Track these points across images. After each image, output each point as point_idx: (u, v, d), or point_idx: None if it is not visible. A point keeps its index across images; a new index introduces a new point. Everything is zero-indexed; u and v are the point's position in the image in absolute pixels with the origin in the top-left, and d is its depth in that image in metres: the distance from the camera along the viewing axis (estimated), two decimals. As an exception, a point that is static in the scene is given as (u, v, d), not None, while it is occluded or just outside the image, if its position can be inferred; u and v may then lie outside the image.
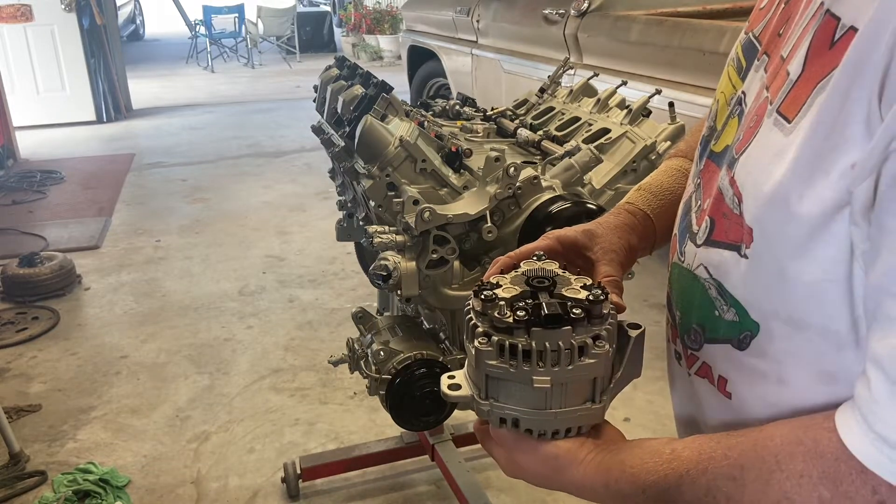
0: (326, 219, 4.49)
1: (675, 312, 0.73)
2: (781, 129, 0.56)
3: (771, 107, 0.58)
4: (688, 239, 0.70)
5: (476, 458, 2.34)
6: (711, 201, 0.65)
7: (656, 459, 0.62)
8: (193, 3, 11.75)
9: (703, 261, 0.66)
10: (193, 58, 11.45)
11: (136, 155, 6.20)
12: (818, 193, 0.52)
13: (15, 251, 3.96)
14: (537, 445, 0.68)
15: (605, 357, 0.65)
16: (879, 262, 0.49)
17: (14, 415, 2.61)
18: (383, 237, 1.36)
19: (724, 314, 0.64)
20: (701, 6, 3.36)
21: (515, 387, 0.65)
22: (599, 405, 0.67)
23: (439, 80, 5.19)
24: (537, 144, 1.67)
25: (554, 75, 1.93)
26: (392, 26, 11.25)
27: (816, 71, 0.54)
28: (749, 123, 0.62)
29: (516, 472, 0.72)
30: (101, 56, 7.29)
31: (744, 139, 0.61)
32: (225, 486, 2.27)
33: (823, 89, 0.52)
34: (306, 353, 3.02)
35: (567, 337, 0.63)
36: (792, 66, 0.57)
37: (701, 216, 0.68)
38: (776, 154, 0.56)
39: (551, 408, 0.65)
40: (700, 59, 2.63)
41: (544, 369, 0.63)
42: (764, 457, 0.55)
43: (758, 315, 0.61)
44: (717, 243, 0.64)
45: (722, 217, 0.63)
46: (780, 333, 0.60)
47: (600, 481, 0.65)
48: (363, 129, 1.40)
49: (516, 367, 0.63)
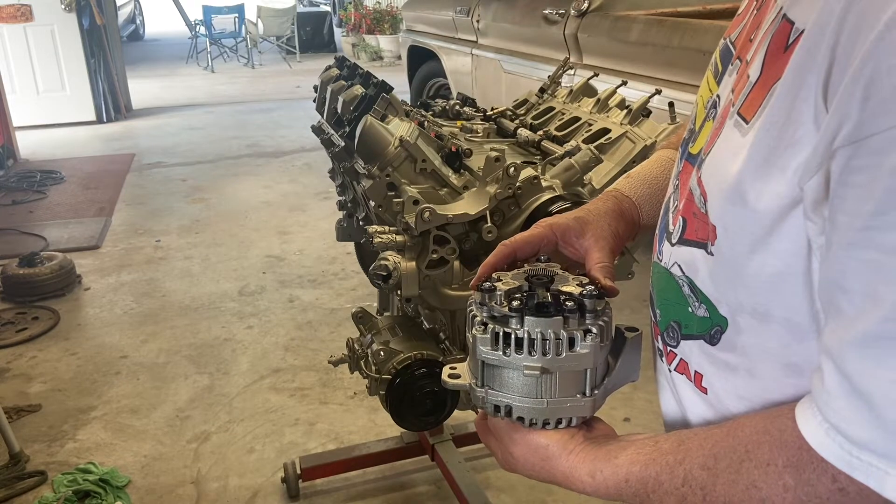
0: (326, 219, 4.49)
1: (656, 310, 0.75)
2: (740, 130, 0.58)
3: (733, 108, 0.61)
4: (665, 238, 0.72)
5: (476, 458, 2.34)
6: (684, 202, 0.68)
7: (640, 451, 0.64)
8: (193, 3, 11.75)
9: (677, 259, 0.69)
10: (193, 58, 11.45)
11: (136, 155, 6.20)
12: (773, 189, 0.55)
13: (15, 251, 3.96)
14: (529, 434, 0.70)
15: (596, 350, 0.67)
16: (830, 256, 0.51)
17: (14, 415, 2.61)
18: (383, 237, 1.36)
19: (697, 310, 0.67)
20: (701, 6, 3.35)
21: (509, 374, 0.68)
22: (590, 398, 0.69)
23: (439, 80, 5.19)
24: (537, 144, 1.67)
25: (554, 75, 1.93)
26: (392, 26, 11.24)
27: (772, 73, 0.56)
28: (716, 126, 0.64)
29: (510, 463, 0.74)
30: (101, 56, 7.29)
31: (710, 141, 0.64)
32: (225, 486, 2.27)
33: (775, 91, 0.55)
34: (306, 353, 3.02)
35: (558, 326, 0.66)
36: (752, 69, 0.59)
37: (676, 216, 0.70)
38: (734, 154, 0.58)
39: (542, 397, 0.68)
40: (700, 59, 2.63)
41: (535, 357, 0.66)
42: (735, 446, 0.57)
43: (726, 310, 0.63)
44: (688, 242, 0.67)
45: (692, 216, 0.66)
46: (746, 327, 0.62)
47: (586, 471, 0.67)
48: (363, 129, 1.40)
49: (509, 354, 0.67)
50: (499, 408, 0.70)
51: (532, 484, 2.26)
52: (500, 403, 0.70)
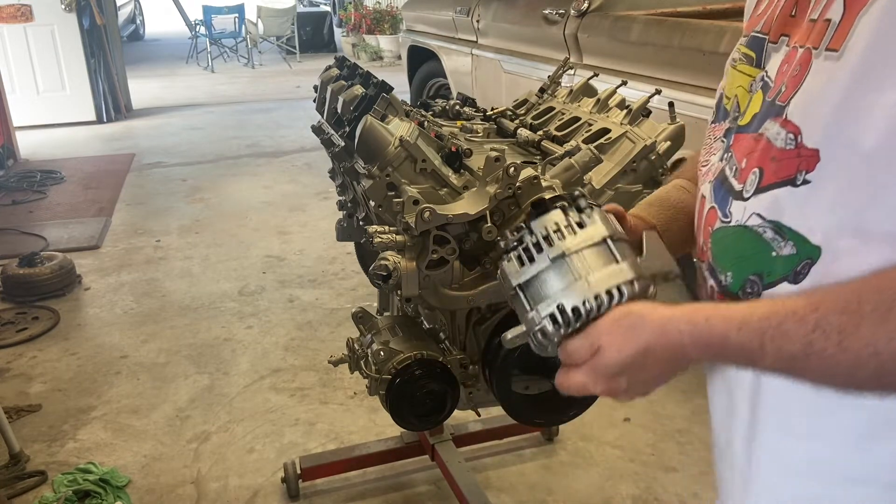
0: (326, 219, 4.49)
1: (721, 276, 0.77)
2: (832, 61, 0.64)
3: (817, 50, 0.66)
4: (731, 200, 0.75)
5: (476, 458, 2.34)
6: (756, 155, 0.72)
7: (756, 303, 0.68)
8: (193, 3, 11.74)
9: (755, 209, 0.71)
10: (193, 58, 11.44)
11: (136, 155, 6.20)
12: (888, 100, 0.58)
13: (15, 251, 3.96)
14: (601, 321, 0.71)
15: (605, 219, 0.74)
16: None
17: (14, 415, 2.61)
18: (383, 237, 1.35)
19: (782, 250, 0.68)
20: (701, 6, 3.35)
21: (544, 280, 0.73)
22: (625, 262, 0.72)
23: (439, 80, 5.19)
24: (537, 144, 1.67)
25: (554, 75, 1.93)
26: (392, 26, 11.24)
27: (857, 5, 0.62)
28: (791, 75, 0.69)
29: (605, 374, 0.72)
30: (101, 56, 7.29)
31: (788, 89, 0.69)
32: (225, 486, 2.27)
33: (867, 13, 0.61)
34: (306, 353, 3.02)
35: (559, 216, 0.73)
36: (831, 13, 0.65)
37: (743, 174, 0.73)
38: (830, 80, 0.64)
39: (579, 277, 0.71)
40: (700, 59, 2.63)
41: (554, 246, 0.72)
42: (883, 289, 0.59)
43: (819, 238, 0.65)
44: (768, 187, 0.70)
45: (770, 161, 0.69)
46: (846, 249, 0.64)
47: (685, 318, 0.68)
48: (363, 129, 1.40)
49: (534, 259, 0.73)
50: (555, 317, 0.71)
51: (532, 483, 2.26)
52: (553, 312, 0.71)
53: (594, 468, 2.31)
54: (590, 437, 2.42)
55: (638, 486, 2.22)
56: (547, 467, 2.33)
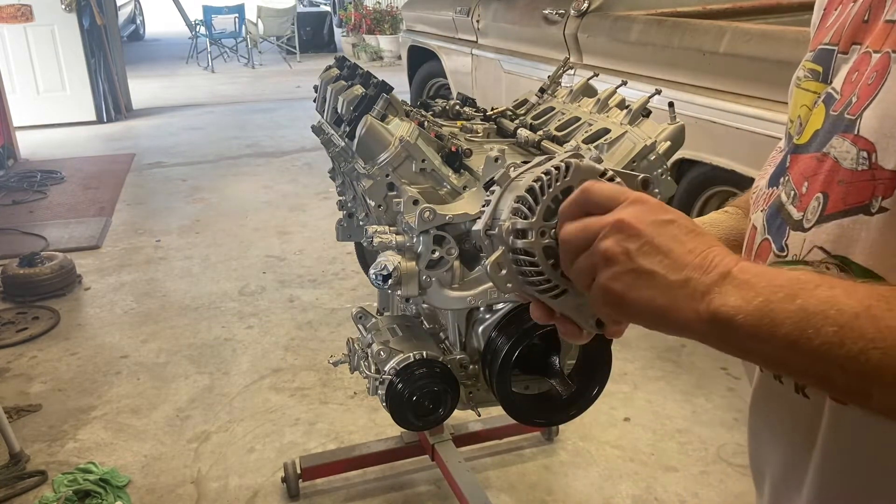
0: (326, 219, 4.49)
1: None
2: None
3: (893, 56, 0.57)
4: (788, 230, 0.66)
5: (476, 458, 2.35)
6: (820, 178, 0.62)
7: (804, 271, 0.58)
8: (193, 3, 11.75)
9: (817, 241, 0.61)
10: (193, 58, 11.45)
11: (136, 155, 6.21)
12: None
13: (15, 251, 3.96)
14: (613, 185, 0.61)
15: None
16: None
17: (14, 415, 2.61)
18: (383, 237, 1.36)
19: None
20: (701, 6, 3.36)
21: (501, 208, 0.65)
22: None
23: (439, 80, 5.20)
24: (537, 144, 1.67)
25: (554, 75, 1.93)
26: (392, 26, 11.24)
27: None
28: (863, 84, 0.60)
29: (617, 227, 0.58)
30: (101, 56, 7.29)
31: (860, 100, 0.59)
32: (225, 486, 2.27)
33: None
34: (306, 353, 3.02)
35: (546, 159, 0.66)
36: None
37: (804, 200, 0.64)
38: None
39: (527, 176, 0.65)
40: (700, 59, 2.63)
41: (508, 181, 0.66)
42: None
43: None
44: (833, 216, 0.60)
45: (837, 185, 0.60)
46: None
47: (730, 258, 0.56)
48: (363, 129, 1.40)
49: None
50: (517, 210, 0.62)
51: (532, 483, 2.26)
52: (513, 207, 0.63)
53: (594, 468, 2.31)
54: (590, 437, 2.43)
55: (638, 485, 2.22)
56: (547, 467, 2.33)
